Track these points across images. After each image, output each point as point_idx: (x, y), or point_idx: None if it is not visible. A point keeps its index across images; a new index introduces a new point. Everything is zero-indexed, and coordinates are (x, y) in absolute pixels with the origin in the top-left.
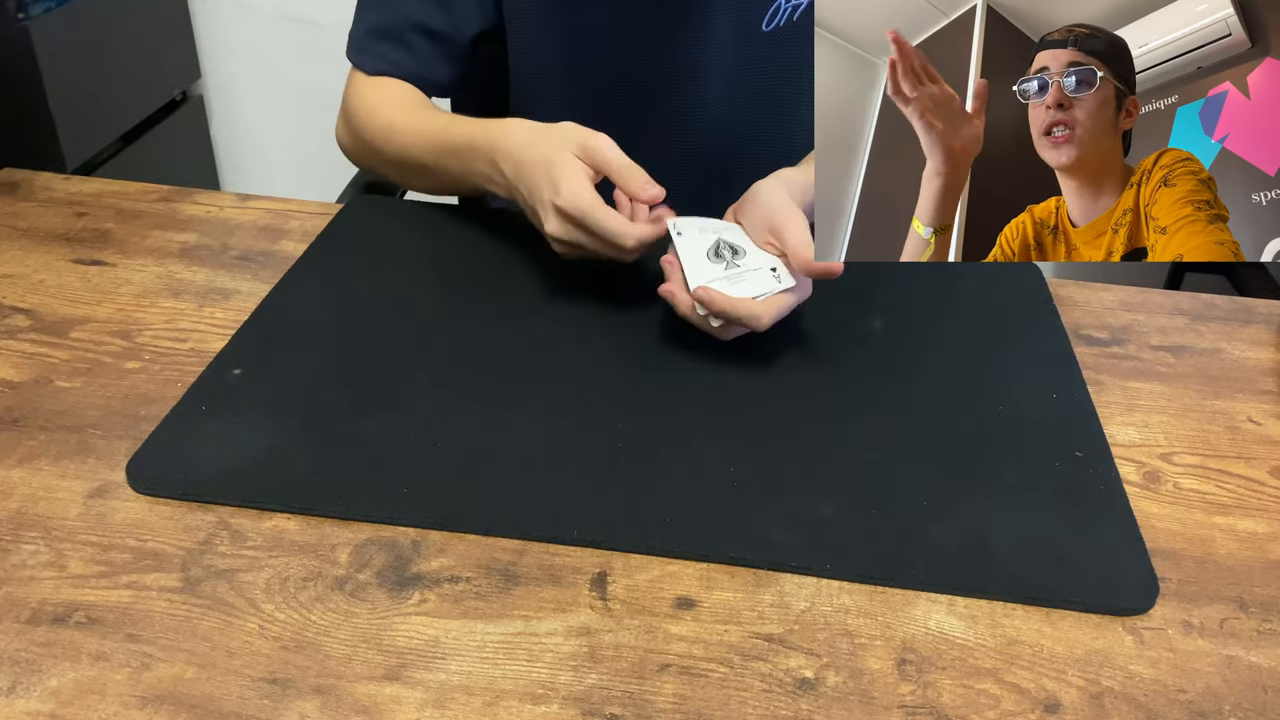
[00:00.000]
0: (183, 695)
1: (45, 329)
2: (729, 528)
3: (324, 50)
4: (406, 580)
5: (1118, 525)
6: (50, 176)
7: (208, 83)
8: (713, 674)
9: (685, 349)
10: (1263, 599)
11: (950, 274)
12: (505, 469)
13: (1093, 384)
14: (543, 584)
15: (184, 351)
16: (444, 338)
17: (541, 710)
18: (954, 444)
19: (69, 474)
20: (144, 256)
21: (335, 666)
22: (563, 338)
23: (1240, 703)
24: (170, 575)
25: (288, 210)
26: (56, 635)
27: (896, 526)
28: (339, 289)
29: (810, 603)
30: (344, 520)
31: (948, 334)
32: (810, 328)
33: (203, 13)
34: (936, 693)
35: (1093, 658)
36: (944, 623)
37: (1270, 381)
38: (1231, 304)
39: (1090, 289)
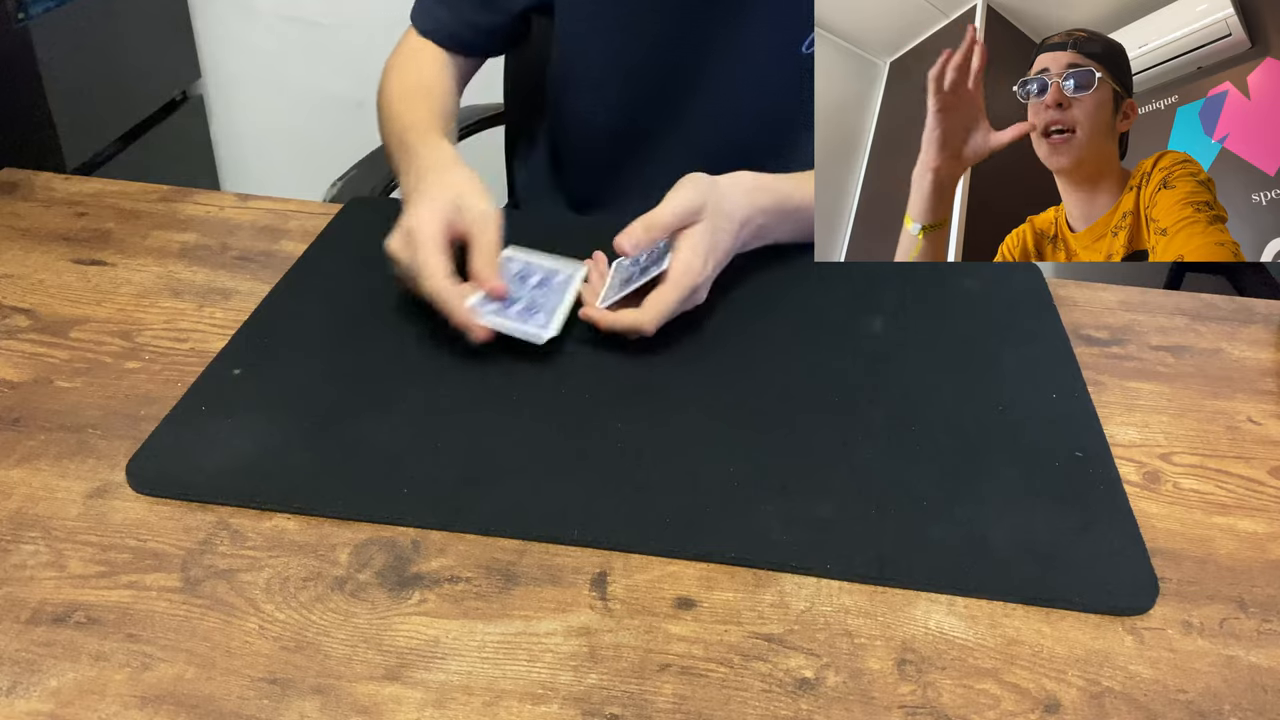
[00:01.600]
0: (183, 695)
1: (45, 329)
2: (729, 528)
3: (324, 50)
4: (406, 580)
5: (1118, 525)
6: (50, 176)
7: (208, 83)
8: (713, 674)
9: (685, 349)
10: (1263, 599)
11: (950, 274)
12: (505, 469)
13: (1093, 384)
14: (543, 584)
15: (184, 351)
16: (444, 338)
17: (541, 710)
18: (954, 444)
19: (69, 474)
20: (144, 256)
21: (335, 666)
22: (563, 337)
23: (1240, 703)
24: (170, 575)
25: (288, 210)
26: (56, 635)
27: (896, 526)
28: (339, 289)
29: (810, 603)
30: (344, 520)
31: (948, 334)
32: (810, 327)
33: (203, 13)
34: (936, 693)
35: (1093, 658)
36: (944, 623)
37: (1270, 381)
38: (1231, 304)
39: (1090, 289)
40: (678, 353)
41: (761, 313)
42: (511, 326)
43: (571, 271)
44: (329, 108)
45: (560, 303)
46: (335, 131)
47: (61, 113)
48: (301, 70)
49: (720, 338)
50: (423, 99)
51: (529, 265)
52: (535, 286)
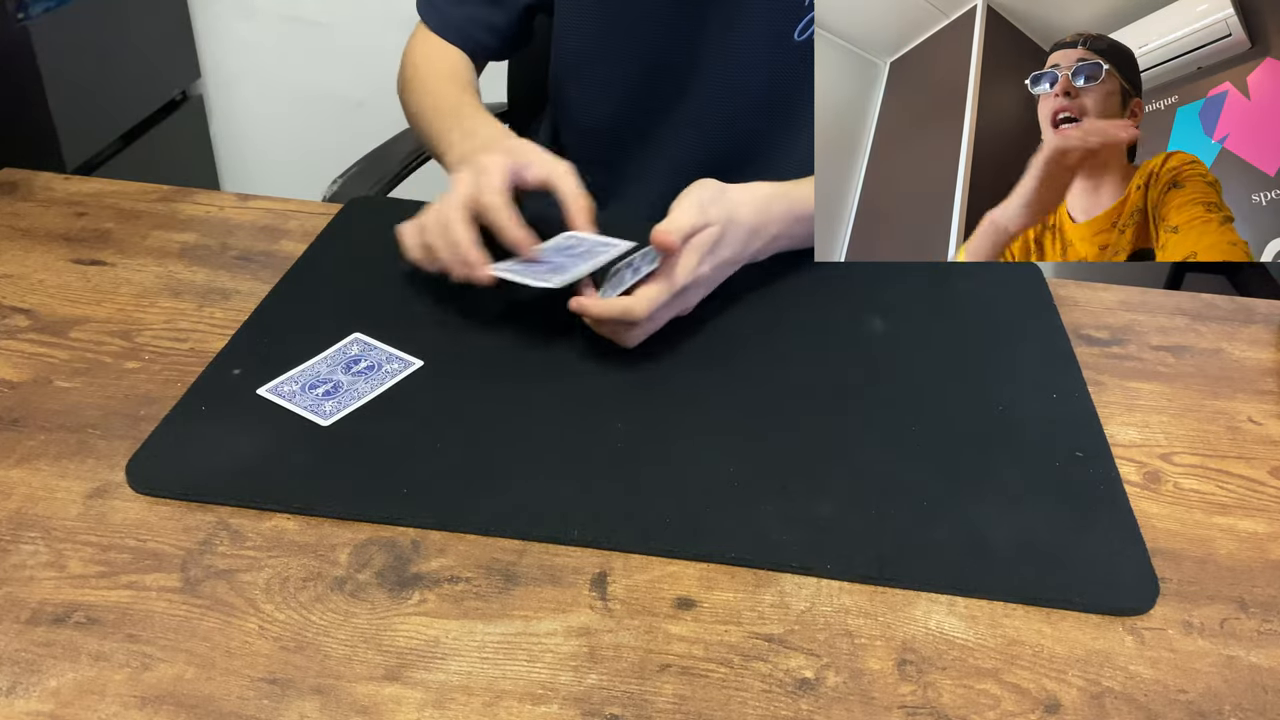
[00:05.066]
0: (183, 695)
1: (45, 329)
2: (729, 528)
3: (324, 50)
4: (406, 580)
5: (1118, 525)
6: (50, 176)
7: (208, 83)
8: (713, 674)
9: (685, 349)
10: (1263, 599)
11: (950, 274)
12: (505, 469)
13: (1093, 384)
14: (543, 584)
15: (184, 351)
16: (443, 338)
17: (541, 710)
18: (954, 444)
19: (69, 474)
20: (144, 256)
21: (335, 667)
22: (563, 337)
23: (1240, 703)
24: (170, 575)
25: (288, 210)
26: (56, 635)
27: (896, 526)
28: (339, 289)
29: (810, 603)
30: (344, 520)
31: (948, 334)
32: (810, 327)
33: (203, 13)
34: (936, 693)
35: (1093, 658)
36: (944, 623)
37: (1270, 381)
38: (1231, 304)
39: (1090, 289)
40: (678, 353)
41: (762, 313)
42: (521, 273)
43: (618, 246)
44: (329, 108)
45: (584, 265)
46: (335, 131)
47: (61, 113)
48: (301, 70)
49: (720, 338)
50: (458, 84)
51: (582, 239)
52: (571, 253)
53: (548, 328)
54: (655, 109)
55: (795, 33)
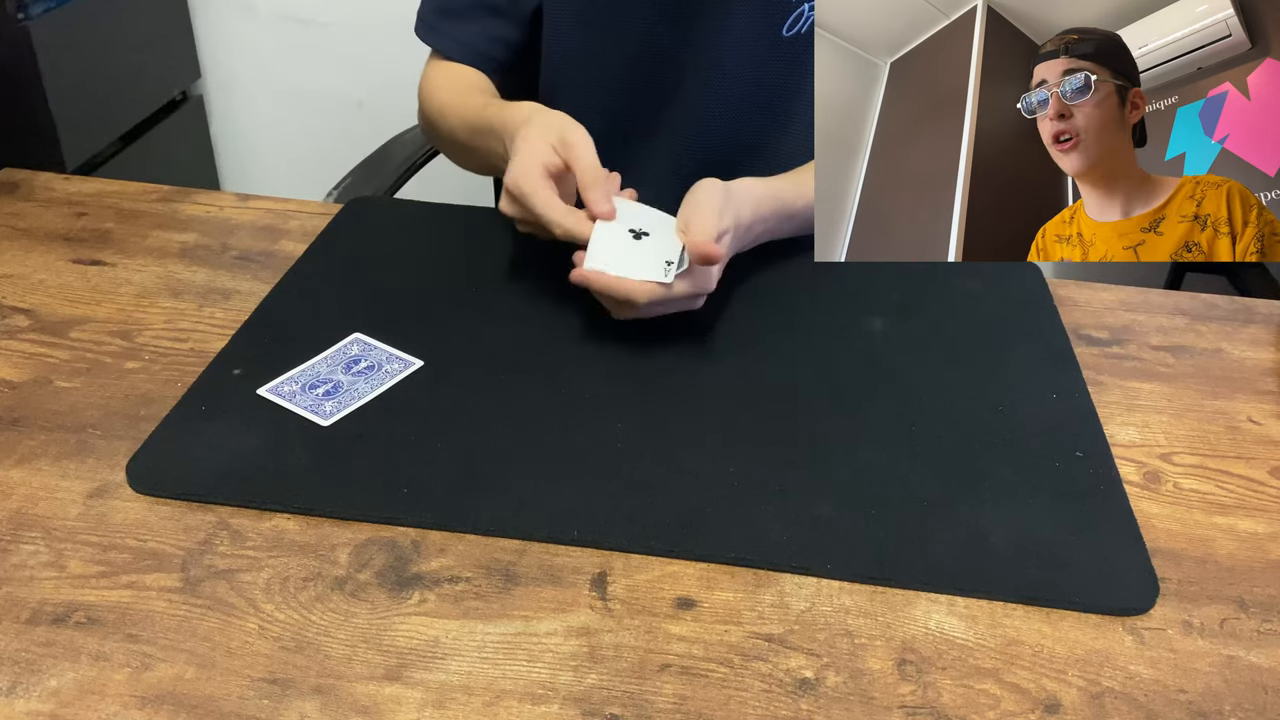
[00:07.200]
0: (183, 695)
1: (45, 329)
2: (729, 528)
3: (324, 50)
4: (406, 580)
5: (1118, 525)
6: (50, 176)
7: (208, 83)
8: (713, 674)
9: (685, 349)
10: (1263, 599)
11: (950, 274)
12: (505, 469)
13: (1093, 384)
14: (543, 584)
15: (184, 351)
16: (443, 338)
17: (541, 710)
18: (954, 444)
19: (69, 474)
20: (144, 256)
21: (335, 666)
22: (562, 337)
23: (1240, 703)
24: (170, 575)
25: (288, 210)
26: (56, 635)
27: (896, 526)
28: (339, 289)
29: (810, 603)
30: (344, 520)
31: (948, 334)
32: (811, 328)
33: (203, 13)
34: (936, 693)
35: (1093, 658)
36: (944, 623)
37: (1270, 381)
38: (1231, 304)
39: (1090, 289)
40: (678, 353)
41: (762, 313)
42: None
43: (670, 222)
44: (329, 108)
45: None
46: (335, 131)
47: (61, 113)
48: (301, 70)
49: (720, 338)
50: (475, 90)
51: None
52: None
53: (548, 326)
54: (644, 109)
55: (783, 29)
